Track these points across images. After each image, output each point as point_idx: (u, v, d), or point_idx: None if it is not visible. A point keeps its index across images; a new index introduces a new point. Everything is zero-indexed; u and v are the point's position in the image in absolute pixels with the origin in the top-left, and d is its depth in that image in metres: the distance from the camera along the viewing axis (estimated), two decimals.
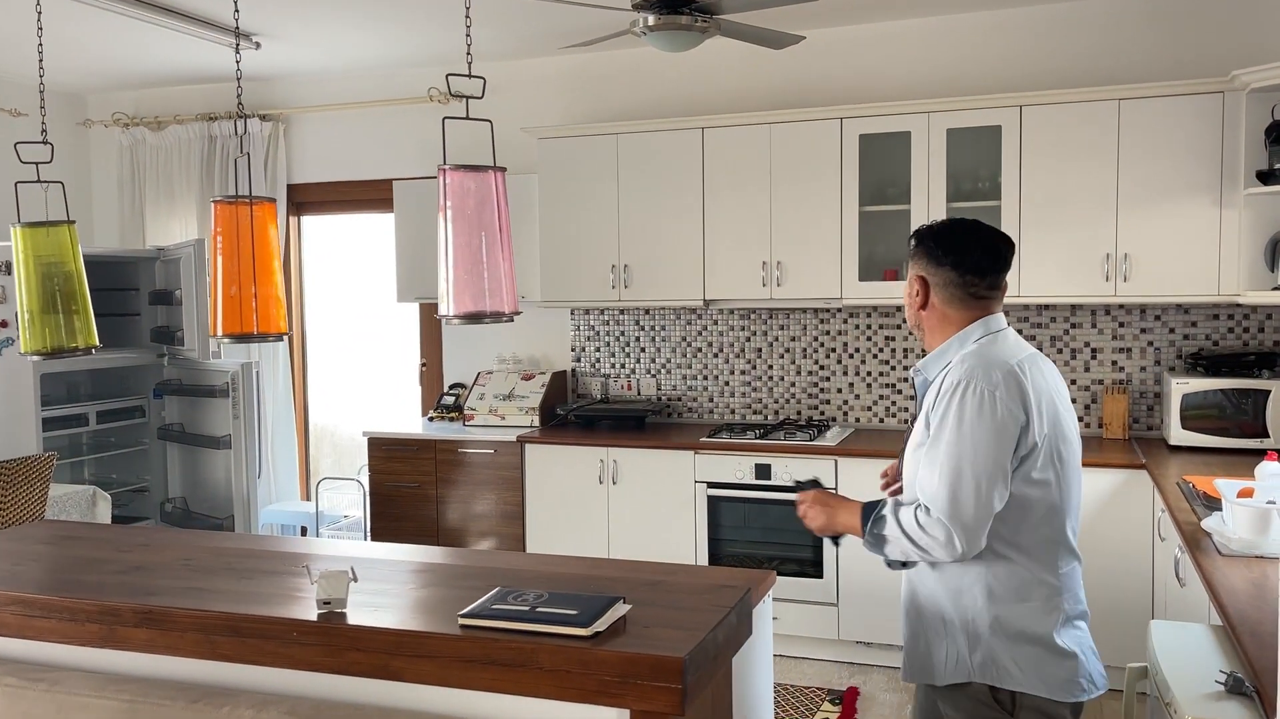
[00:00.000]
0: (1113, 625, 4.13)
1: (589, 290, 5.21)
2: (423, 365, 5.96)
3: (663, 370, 5.51)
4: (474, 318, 2.30)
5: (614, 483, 4.95)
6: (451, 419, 5.59)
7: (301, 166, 6.08)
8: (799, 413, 5.28)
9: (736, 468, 4.75)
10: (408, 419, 5.86)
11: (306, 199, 6.13)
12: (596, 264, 5.18)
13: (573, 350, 5.66)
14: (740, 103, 5.22)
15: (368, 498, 5.40)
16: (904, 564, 2.24)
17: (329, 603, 2.03)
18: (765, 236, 4.90)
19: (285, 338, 2.67)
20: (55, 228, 2.79)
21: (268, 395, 6.06)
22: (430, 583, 2.27)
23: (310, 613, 2.03)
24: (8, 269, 5.12)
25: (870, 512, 2.19)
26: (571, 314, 5.64)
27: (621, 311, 5.57)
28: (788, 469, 4.68)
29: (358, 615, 2.01)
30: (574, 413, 5.34)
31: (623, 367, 5.58)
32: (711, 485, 4.80)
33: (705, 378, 5.44)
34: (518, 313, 2.44)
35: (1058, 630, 2.11)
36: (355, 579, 2.08)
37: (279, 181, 6.03)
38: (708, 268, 5.01)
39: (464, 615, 1.96)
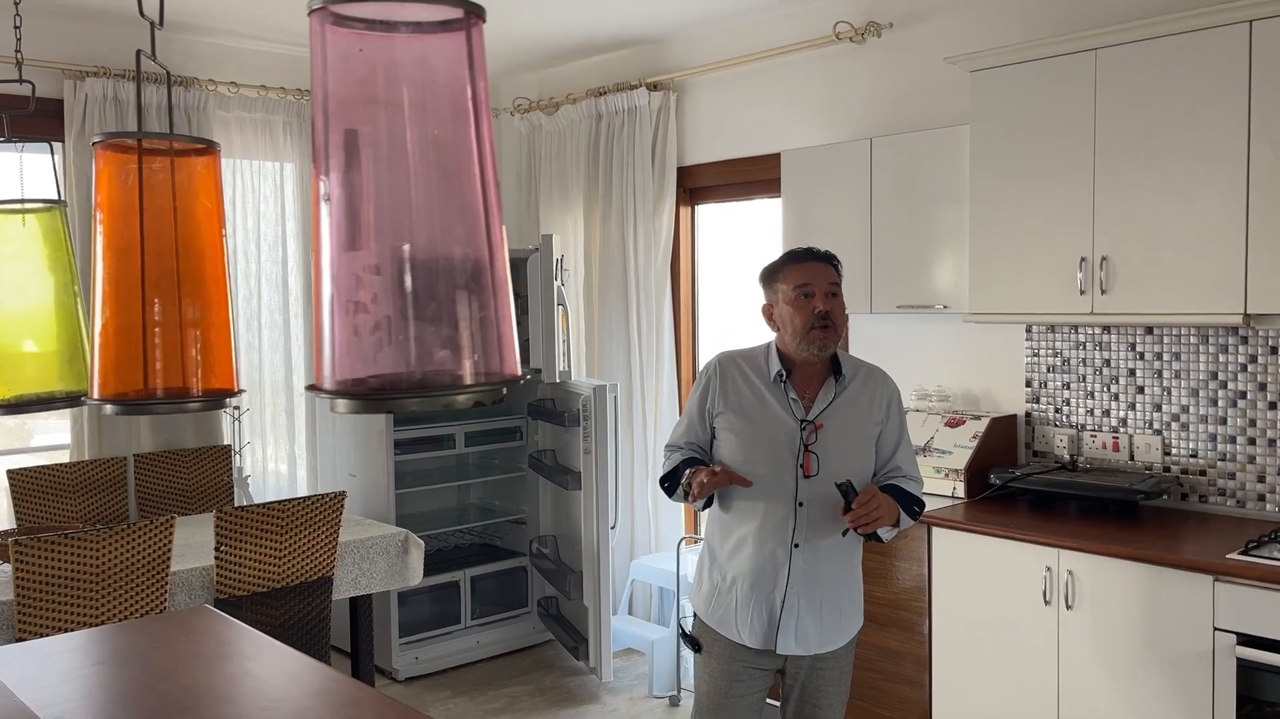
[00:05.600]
0: None
1: (1044, 297, 3.37)
2: None
3: (1174, 424, 3.46)
4: (380, 398, 0.88)
5: (1067, 606, 3.08)
6: None
7: (694, 145, 4.92)
8: None
9: None
10: None
11: (699, 184, 4.96)
12: (1056, 255, 3.32)
13: (1028, 386, 3.81)
14: None
15: None
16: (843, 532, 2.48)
17: None
18: None
19: (231, 400, 1.45)
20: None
21: (648, 424, 5.01)
22: None
23: None
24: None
25: (904, 498, 2.50)
26: (1028, 332, 3.79)
27: (1104, 329, 3.60)
28: None
29: None
30: (1017, 483, 3.52)
31: (1106, 414, 3.61)
32: (1245, 641, 2.74)
33: (1251, 442, 3.30)
34: (516, 380, 0.95)
35: None
36: None
37: (668, 164, 4.93)
38: (1253, 261, 2.93)
39: None
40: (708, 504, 2.59)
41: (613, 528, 4.51)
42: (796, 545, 2.47)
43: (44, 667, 2.14)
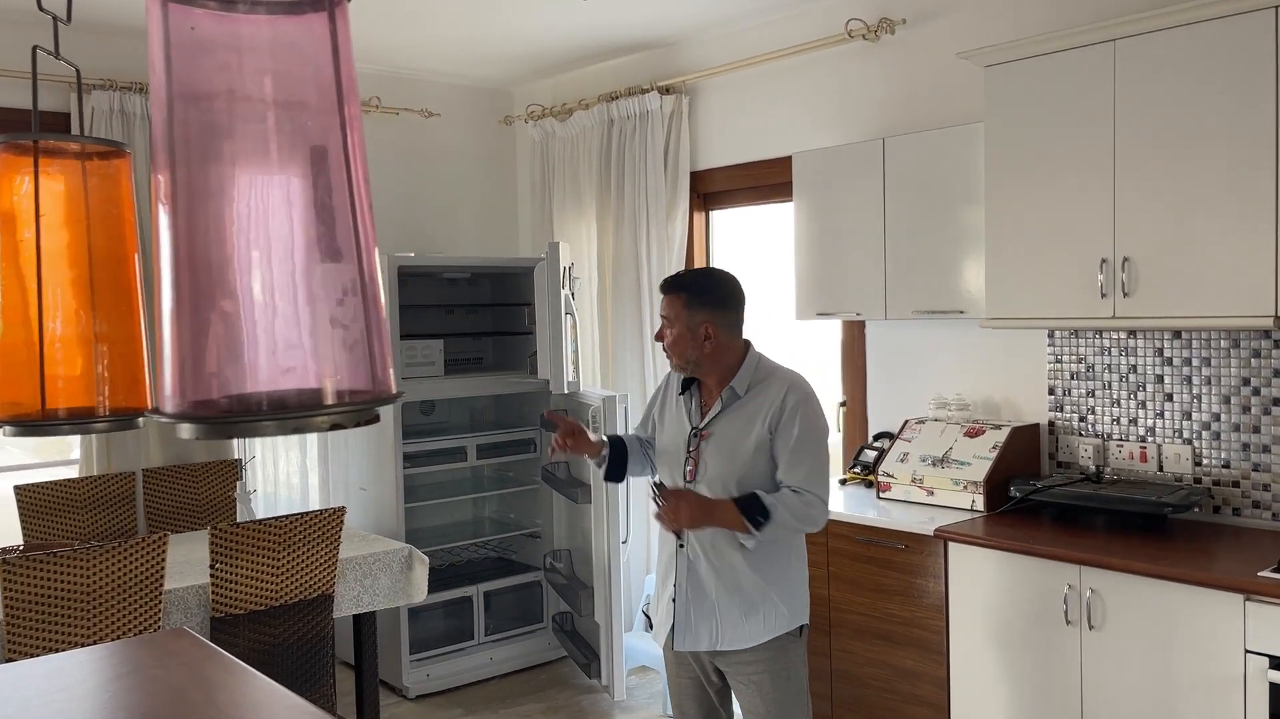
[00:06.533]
0: None
1: (1063, 300, 3.21)
2: (842, 405, 4.35)
3: (1204, 433, 3.29)
4: (227, 422, 0.78)
5: (1090, 626, 2.92)
6: (870, 484, 3.93)
7: (707, 150, 4.81)
8: None
9: None
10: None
11: (712, 189, 4.84)
12: (1075, 257, 3.17)
13: (1051, 394, 3.64)
14: None
15: None
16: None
17: None
18: None
19: (141, 420, 1.35)
20: None
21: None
22: None
23: None
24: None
25: (750, 506, 2.50)
26: (1050, 337, 3.63)
27: (1129, 334, 3.44)
28: None
29: None
30: (1038, 495, 3.36)
31: (1133, 423, 3.45)
32: (1279, 664, 2.57)
33: None
34: (390, 400, 0.85)
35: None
36: None
37: (681, 169, 4.82)
38: None
39: None
40: (614, 478, 2.92)
41: (624, 542, 4.40)
42: (681, 546, 2.67)
43: (4, 694, 2.07)
